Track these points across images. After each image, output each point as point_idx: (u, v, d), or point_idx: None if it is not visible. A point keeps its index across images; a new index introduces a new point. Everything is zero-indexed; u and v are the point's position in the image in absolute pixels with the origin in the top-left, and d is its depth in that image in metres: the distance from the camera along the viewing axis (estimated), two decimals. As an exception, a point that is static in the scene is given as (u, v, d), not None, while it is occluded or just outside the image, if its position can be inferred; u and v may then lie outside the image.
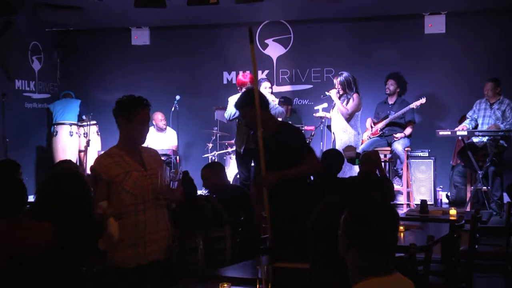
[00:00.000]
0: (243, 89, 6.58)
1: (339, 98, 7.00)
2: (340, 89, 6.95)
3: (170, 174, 3.37)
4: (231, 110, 6.62)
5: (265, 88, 7.12)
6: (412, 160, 7.77)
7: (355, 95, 6.91)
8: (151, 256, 3.32)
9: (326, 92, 7.13)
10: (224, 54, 9.23)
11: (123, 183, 3.30)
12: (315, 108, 7.44)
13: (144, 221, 3.31)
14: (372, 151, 6.24)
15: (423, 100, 7.41)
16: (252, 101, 3.94)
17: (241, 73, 7.02)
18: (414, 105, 7.44)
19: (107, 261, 3.27)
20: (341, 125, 6.91)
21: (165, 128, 8.66)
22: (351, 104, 6.88)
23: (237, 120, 6.64)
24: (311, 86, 8.92)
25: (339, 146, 6.88)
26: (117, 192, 3.31)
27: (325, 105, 7.38)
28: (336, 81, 6.99)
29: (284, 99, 8.33)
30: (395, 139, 7.48)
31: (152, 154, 3.50)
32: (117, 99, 3.48)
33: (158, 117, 8.57)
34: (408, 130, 7.60)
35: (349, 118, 6.85)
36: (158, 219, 3.37)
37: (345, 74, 7.06)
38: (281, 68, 9.12)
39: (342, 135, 6.88)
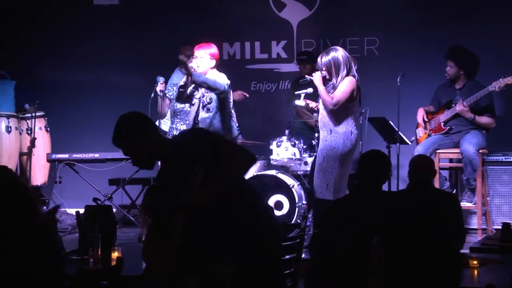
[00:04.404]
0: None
1: (325, 84, 6.75)
2: (325, 72, 6.71)
3: None
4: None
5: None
6: (490, 167, 7.72)
7: (346, 78, 6.57)
8: None
9: (308, 76, 6.93)
10: (224, 18, 9.22)
11: None
12: (296, 93, 7.26)
13: None
14: (419, 156, 6.16)
15: (509, 79, 7.30)
16: (131, 128, 4.03)
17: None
18: (495, 85, 7.34)
19: None
20: (325, 120, 6.71)
21: None
22: (339, 90, 6.58)
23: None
24: (346, 62, 8.89)
25: (321, 148, 6.68)
26: None
27: (310, 90, 7.19)
28: (320, 60, 6.74)
29: (307, 55, 8.35)
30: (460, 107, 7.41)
31: None
32: None
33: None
34: (484, 119, 7.53)
35: (335, 111, 6.54)
36: None
37: (334, 52, 6.66)
38: (303, 38, 9.10)
39: (326, 135, 6.66)
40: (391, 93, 7.81)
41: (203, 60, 6.85)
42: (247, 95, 8.36)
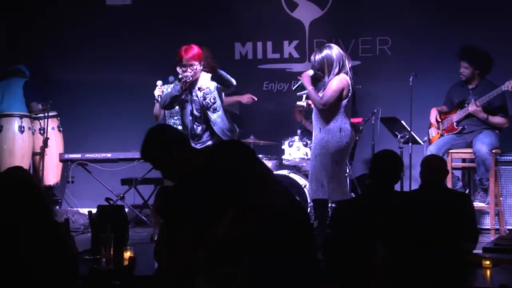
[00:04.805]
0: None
1: (319, 82, 6.70)
2: (317, 70, 6.65)
3: None
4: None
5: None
6: (503, 167, 7.68)
7: (336, 76, 6.49)
8: None
9: (299, 77, 6.88)
10: (236, 18, 9.21)
11: None
12: (298, 93, 7.22)
13: None
14: (432, 156, 6.14)
15: None
16: (167, 142, 3.95)
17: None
18: (508, 85, 7.31)
19: None
20: (316, 119, 6.69)
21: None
22: (328, 89, 6.52)
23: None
24: (358, 62, 8.86)
25: (313, 147, 6.66)
26: None
27: None
28: (313, 58, 6.68)
29: None
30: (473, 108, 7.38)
31: None
32: None
33: None
34: (497, 119, 7.51)
35: (324, 110, 6.51)
36: None
37: (328, 50, 6.55)
38: (315, 38, 9.08)
39: (317, 133, 6.61)
40: (403, 93, 7.80)
41: (198, 64, 6.74)
42: (255, 99, 8.34)
